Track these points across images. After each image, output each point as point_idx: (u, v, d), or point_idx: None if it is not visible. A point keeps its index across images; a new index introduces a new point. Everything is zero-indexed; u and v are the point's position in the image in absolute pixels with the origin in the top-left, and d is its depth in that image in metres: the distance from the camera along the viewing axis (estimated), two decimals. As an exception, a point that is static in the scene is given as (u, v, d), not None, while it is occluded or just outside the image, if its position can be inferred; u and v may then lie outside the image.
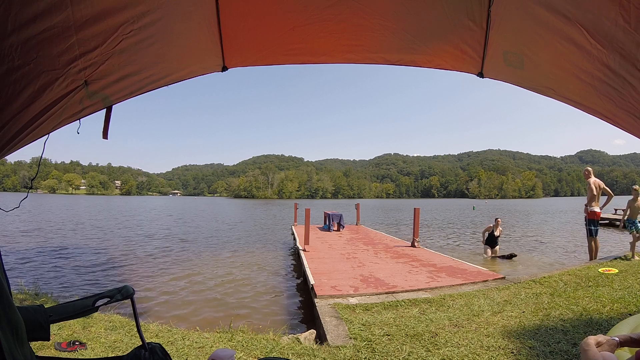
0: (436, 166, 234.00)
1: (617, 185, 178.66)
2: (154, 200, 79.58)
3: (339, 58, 2.37)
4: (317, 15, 1.97)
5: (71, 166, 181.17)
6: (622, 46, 1.24)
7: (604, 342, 0.76)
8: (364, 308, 3.67)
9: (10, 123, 1.35)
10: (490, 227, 8.77)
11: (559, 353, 2.52)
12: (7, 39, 1.10)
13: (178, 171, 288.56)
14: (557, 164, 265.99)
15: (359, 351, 2.64)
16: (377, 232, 11.46)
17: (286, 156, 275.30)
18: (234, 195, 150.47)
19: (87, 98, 1.69)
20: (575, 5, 1.33)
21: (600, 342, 0.76)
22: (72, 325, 3.04)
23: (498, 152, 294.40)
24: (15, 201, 2.01)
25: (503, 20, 1.80)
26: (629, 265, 5.37)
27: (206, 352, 2.61)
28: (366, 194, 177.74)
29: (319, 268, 5.66)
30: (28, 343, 1.01)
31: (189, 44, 2.04)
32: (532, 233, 14.88)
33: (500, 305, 3.64)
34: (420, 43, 2.15)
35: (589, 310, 3.39)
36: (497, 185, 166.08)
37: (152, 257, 9.04)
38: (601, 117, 1.70)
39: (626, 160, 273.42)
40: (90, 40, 1.41)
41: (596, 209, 6.45)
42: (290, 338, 3.06)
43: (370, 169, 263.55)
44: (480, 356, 2.50)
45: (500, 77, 2.16)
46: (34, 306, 1.12)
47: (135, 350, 1.21)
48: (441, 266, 5.83)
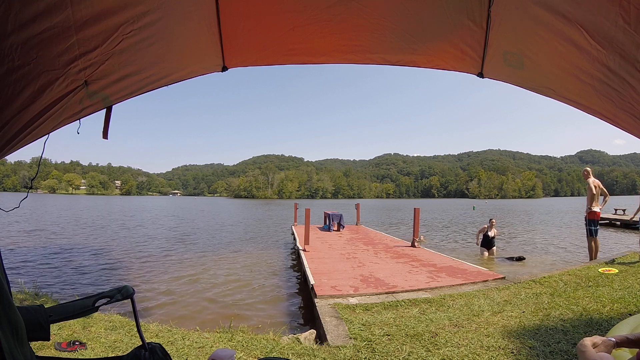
0: (436, 166, 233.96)
1: (617, 185, 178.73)
2: (154, 201, 79.58)
3: (338, 58, 2.37)
4: (317, 15, 1.97)
5: (71, 166, 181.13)
6: (622, 47, 1.24)
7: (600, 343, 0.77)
8: (364, 308, 3.67)
9: (10, 123, 1.35)
10: (485, 228, 8.63)
11: (559, 353, 2.52)
12: (7, 39, 1.10)
13: (178, 171, 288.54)
14: (557, 164, 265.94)
15: (359, 351, 2.64)
16: (377, 232, 11.46)
17: (286, 156, 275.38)
18: (234, 196, 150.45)
19: (87, 98, 1.69)
20: (575, 6, 1.33)
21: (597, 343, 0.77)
22: (72, 325, 3.04)
23: (498, 152, 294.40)
24: (15, 201, 2.02)
25: (503, 21, 1.80)
26: (629, 265, 5.37)
27: (206, 352, 2.61)
28: (366, 194, 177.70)
29: (319, 268, 5.66)
30: (28, 343, 1.01)
31: (189, 44, 2.04)
32: (533, 233, 14.88)
33: (500, 305, 3.64)
34: (420, 43, 2.15)
35: (589, 310, 3.39)
36: (497, 185, 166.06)
37: (152, 257, 9.04)
38: (601, 117, 1.70)
39: (626, 160, 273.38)
40: (90, 40, 1.41)
41: (596, 208, 6.45)
42: (290, 338, 3.06)
43: (370, 169, 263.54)
44: (480, 356, 2.50)
45: (500, 78, 2.16)
46: (34, 306, 1.12)
47: (135, 350, 1.21)
48: (441, 266, 5.83)
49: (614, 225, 16.21)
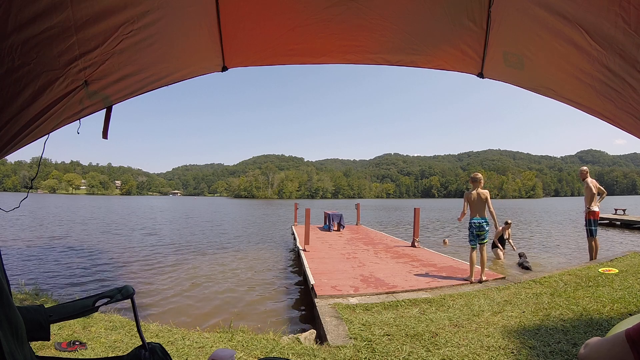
0: (436, 166, 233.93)
1: (617, 185, 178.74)
2: (154, 201, 79.58)
3: (339, 58, 2.37)
4: (317, 15, 1.97)
5: (71, 166, 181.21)
6: (622, 47, 1.23)
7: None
8: (364, 308, 3.67)
9: (10, 123, 1.35)
10: (500, 230, 8.29)
11: (559, 353, 2.52)
12: (7, 39, 1.10)
13: (178, 171, 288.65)
14: (558, 164, 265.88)
15: (359, 351, 2.64)
16: (377, 232, 11.46)
17: (286, 156, 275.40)
18: (234, 195, 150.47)
19: (87, 98, 1.69)
20: (575, 7, 1.32)
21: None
22: (72, 325, 3.04)
23: (498, 152, 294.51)
24: (16, 201, 2.02)
25: (503, 21, 1.80)
26: (629, 265, 5.37)
27: (206, 352, 2.61)
28: (366, 194, 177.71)
29: (319, 268, 5.66)
30: (28, 343, 1.01)
31: (189, 44, 2.04)
32: (534, 233, 14.87)
33: (501, 305, 3.64)
34: (420, 43, 2.15)
35: (589, 310, 3.38)
36: (498, 185, 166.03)
37: (153, 257, 9.04)
38: (601, 118, 1.70)
39: (626, 160, 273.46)
40: (91, 40, 1.41)
41: (595, 208, 6.45)
42: (290, 338, 3.06)
43: (370, 169, 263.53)
44: (480, 356, 2.50)
45: (501, 78, 2.16)
46: (34, 306, 1.11)
47: (136, 350, 1.21)
48: (441, 266, 5.83)
49: (614, 225, 16.20)
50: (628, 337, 0.66)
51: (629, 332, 0.67)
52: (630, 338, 0.66)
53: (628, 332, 0.67)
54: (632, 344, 0.65)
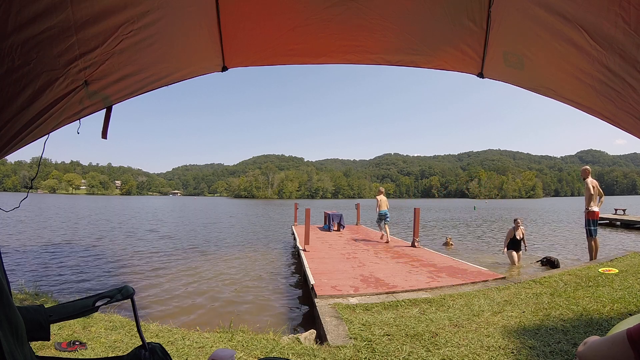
0: (436, 166, 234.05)
1: (617, 185, 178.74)
2: (154, 201, 79.58)
3: (339, 58, 2.36)
4: (317, 15, 1.96)
5: (71, 166, 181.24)
6: (622, 47, 1.23)
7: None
8: (364, 308, 3.67)
9: (10, 123, 1.35)
10: (512, 230, 7.56)
11: (559, 353, 2.52)
12: (7, 39, 1.10)
13: (178, 171, 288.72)
14: (558, 164, 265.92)
15: (359, 351, 2.64)
16: (377, 232, 11.45)
17: (286, 156, 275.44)
18: (234, 195, 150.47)
19: (87, 98, 1.69)
20: (575, 7, 1.32)
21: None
22: (72, 325, 3.04)
23: (498, 152, 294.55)
24: (16, 201, 2.02)
25: (503, 21, 1.79)
26: (629, 265, 5.37)
27: (206, 352, 2.61)
28: (366, 194, 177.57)
29: (319, 268, 5.66)
30: (28, 343, 1.01)
31: (189, 44, 2.04)
32: (535, 232, 14.86)
33: (501, 305, 3.64)
34: (420, 44, 2.15)
35: (589, 310, 3.38)
36: (498, 185, 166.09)
37: (153, 257, 9.04)
38: (601, 118, 1.70)
39: (626, 160, 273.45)
40: (90, 40, 1.41)
41: (595, 208, 6.45)
42: (290, 338, 3.06)
43: (370, 169, 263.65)
44: (480, 356, 2.50)
45: (501, 78, 2.16)
46: (34, 306, 1.11)
47: (136, 350, 1.21)
48: (441, 266, 5.83)
49: (614, 225, 16.20)
50: (629, 336, 0.66)
51: (630, 332, 0.66)
52: (631, 338, 0.66)
53: (629, 332, 0.67)
54: (633, 344, 0.65)
